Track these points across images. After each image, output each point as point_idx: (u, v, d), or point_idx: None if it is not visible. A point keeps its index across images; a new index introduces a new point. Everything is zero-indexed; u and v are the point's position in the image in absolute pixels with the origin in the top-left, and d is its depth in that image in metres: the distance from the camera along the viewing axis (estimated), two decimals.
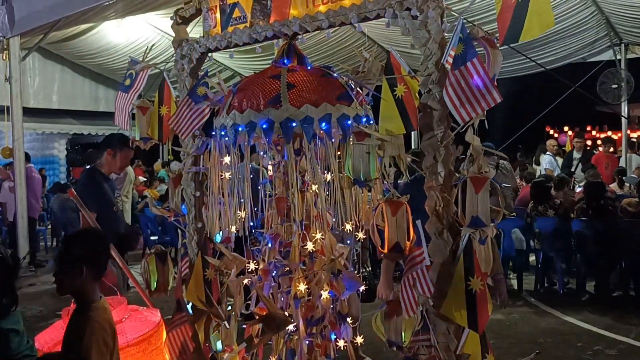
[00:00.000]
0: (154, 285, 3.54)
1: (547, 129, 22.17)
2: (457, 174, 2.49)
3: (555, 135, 19.72)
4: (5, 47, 9.88)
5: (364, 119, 2.73)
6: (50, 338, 4.04)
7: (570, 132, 19.83)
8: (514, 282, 7.82)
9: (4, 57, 9.81)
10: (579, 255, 7.65)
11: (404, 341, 2.61)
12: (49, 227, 13.25)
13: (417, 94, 2.56)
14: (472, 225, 2.35)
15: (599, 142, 18.81)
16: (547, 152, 12.04)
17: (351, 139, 2.56)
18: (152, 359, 4.08)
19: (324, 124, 2.59)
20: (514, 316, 6.59)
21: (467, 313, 2.38)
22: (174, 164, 16.74)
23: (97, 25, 12.35)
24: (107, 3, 8.79)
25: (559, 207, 7.68)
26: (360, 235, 2.93)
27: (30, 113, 13.59)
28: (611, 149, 13.25)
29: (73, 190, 4.14)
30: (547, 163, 11.72)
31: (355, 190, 2.76)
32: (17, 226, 10.17)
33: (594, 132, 23.26)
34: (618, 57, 13.19)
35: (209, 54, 3.31)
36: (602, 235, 7.28)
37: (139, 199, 12.33)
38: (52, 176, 17.64)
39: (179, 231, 3.52)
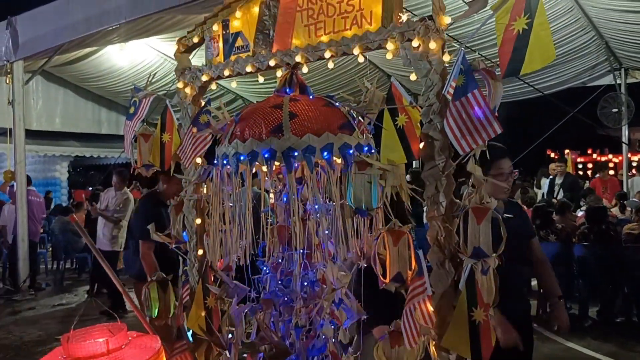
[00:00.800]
0: (155, 312, 3.51)
1: (548, 152, 22.24)
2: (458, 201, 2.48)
3: (556, 157, 19.74)
4: (8, 71, 9.96)
5: (366, 148, 2.73)
6: None
7: (572, 155, 19.89)
8: None
9: (7, 81, 9.89)
10: (581, 280, 7.61)
11: None
12: (50, 249, 13.22)
13: (418, 124, 2.57)
14: (474, 256, 2.34)
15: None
16: (550, 176, 12.03)
17: (353, 169, 2.56)
18: None
19: (325, 153, 2.60)
20: None
21: (470, 344, 2.37)
22: None
23: (101, 48, 12.46)
24: (111, 28, 8.88)
25: (560, 231, 7.66)
26: (362, 263, 2.92)
27: (33, 135, 13.66)
28: (611, 172, 13.25)
29: (74, 216, 4.13)
30: (548, 186, 11.71)
31: (357, 219, 2.76)
32: (18, 249, 10.15)
33: (594, 156, 23.33)
34: (618, 81, 13.27)
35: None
36: (604, 260, 7.25)
37: None
38: (53, 198, 17.65)
39: (180, 258, 3.51)
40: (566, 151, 20.79)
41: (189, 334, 3.42)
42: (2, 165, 14.56)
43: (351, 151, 2.66)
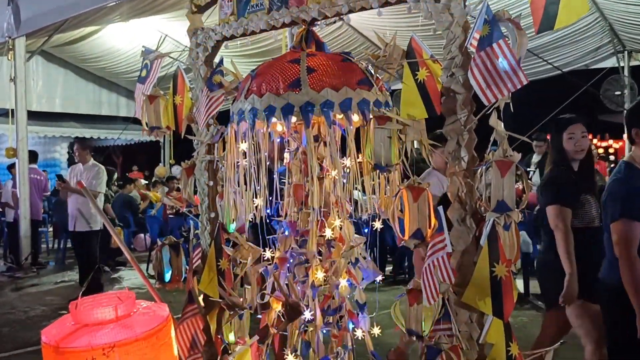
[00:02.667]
0: (167, 276, 3.48)
1: (548, 137, 22.20)
2: None
3: None
4: (10, 47, 9.88)
5: (384, 105, 2.69)
6: (57, 332, 3.99)
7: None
8: (520, 285, 7.77)
9: (10, 57, 9.81)
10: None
11: (424, 330, 2.56)
12: (51, 228, 13.20)
13: (439, 78, 2.52)
14: (498, 210, 2.31)
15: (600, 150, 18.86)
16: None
17: (372, 123, 2.52)
18: (161, 354, 4.02)
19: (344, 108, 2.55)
20: (522, 319, 6.53)
21: (491, 301, 2.34)
22: (175, 168, 16.75)
23: (101, 28, 12.37)
24: (113, 3, 8.79)
25: None
26: (378, 224, 2.88)
27: (33, 116, 13.57)
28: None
29: (82, 182, 4.09)
30: (524, 165, 11.56)
31: (374, 176, 2.72)
32: (20, 226, 10.13)
33: (595, 141, 23.28)
34: (621, 64, 13.19)
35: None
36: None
37: (140, 202, 12.30)
38: (54, 179, 17.59)
39: (191, 222, 3.48)
40: None
41: (200, 298, 3.39)
42: (1, 147, 14.48)
43: (369, 107, 2.61)
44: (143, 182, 14.21)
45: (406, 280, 7.10)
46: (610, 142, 22.63)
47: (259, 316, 2.87)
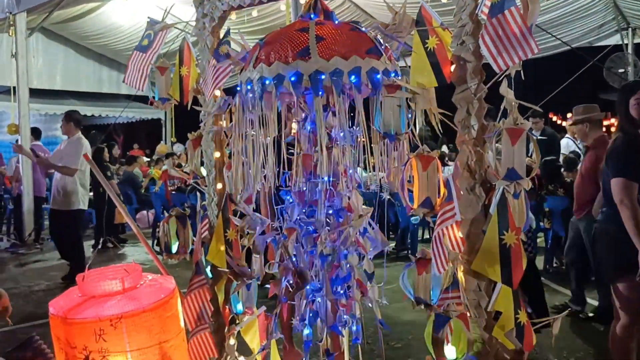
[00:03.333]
0: (174, 248, 3.49)
1: (550, 116, 22.12)
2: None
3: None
4: (11, 23, 9.82)
5: (393, 74, 2.67)
6: (65, 304, 4.02)
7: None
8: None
9: (10, 34, 9.76)
10: None
11: (433, 299, 2.58)
12: None
13: (449, 47, 2.51)
14: (508, 178, 2.31)
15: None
16: (567, 135, 11.84)
17: (382, 92, 2.51)
18: (168, 326, 4.06)
19: (353, 77, 2.54)
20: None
21: (500, 268, 2.35)
22: (176, 146, 16.74)
23: (102, 5, 12.28)
24: None
25: (569, 185, 7.65)
26: (386, 195, 2.88)
27: (34, 94, 13.53)
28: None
29: (88, 155, 4.09)
30: (564, 147, 11.51)
31: (384, 146, 2.71)
32: (23, 203, 10.15)
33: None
34: (625, 41, 13.11)
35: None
36: None
37: (142, 179, 12.32)
38: None
39: (198, 194, 3.48)
40: (568, 115, 20.61)
41: (208, 269, 3.41)
42: (3, 125, 14.45)
43: (378, 76, 2.60)
44: (145, 159, 14.20)
45: (409, 256, 7.14)
46: (613, 120, 22.54)
47: (267, 286, 2.88)
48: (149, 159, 14.36)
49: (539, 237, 8.22)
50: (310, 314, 2.88)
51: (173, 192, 9.45)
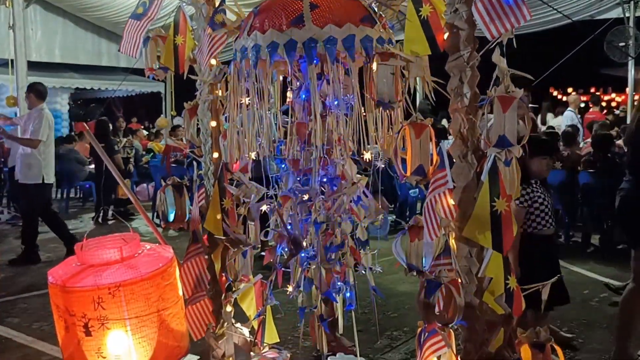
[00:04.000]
0: (171, 217, 3.53)
1: (550, 90, 22.04)
2: None
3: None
4: None
5: (387, 43, 2.68)
6: (63, 272, 4.06)
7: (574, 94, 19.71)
8: None
9: (7, 4, 9.69)
10: (585, 208, 7.66)
11: (424, 266, 2.61)
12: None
13: (443, 15, 2.51)
14: (499, 145, 2.33)
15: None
16: (569, 108, 11.77)
17: (376, 59, 2.52)
18: (166, 294, 4.10)
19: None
20: None
21: (491, 234, 2.38)
22: (177, 119, 16.71)
23: None
24: None
25: (566, 160, 7.67)
26: (380, 164, 2.90)
27: (33, 67, 13.42)
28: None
29: (84, 124, 4.11)
30: (569, 119, 11.44)
31: (377, 114, 2.73)
32: None
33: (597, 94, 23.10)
34: (627, 14, 12.99)
35: None
36: (608, 188, 7.26)
37: (143, 152, 12.33)
38: (55, 131, 17.56)
39: (194, 163, 3.50)
40: (569, 90, 20.55)
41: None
42: (1, 97, 14.39)
43: (372, 44, 2.61)
44: (144, 132, 14.19)
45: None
46: (613, 95, 22.47)
47: (263, 254, 2.92)
48: (148, 133, 14.34)
49: None
50: (305, 281, 2.93)
51: (173, 165, 9.47)
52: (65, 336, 4.01)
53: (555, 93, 21.55)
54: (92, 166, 10.90)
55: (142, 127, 16.07)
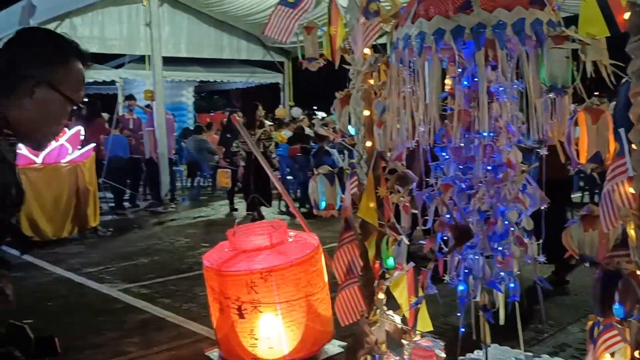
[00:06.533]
0: (322, 204, 3.59)
1: None
2: None
3: None
4: None
5: (557, 25, 2.58)
6: (217, 257, 4.27)
7: None
8: None
9: (145, 3, 10.24)
10: None
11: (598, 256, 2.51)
12: (185, 168, 13.94)
13: None
14: None
15: None
16: None
17: (548, 43, 2.42)
18: (313, 280, 4.22)
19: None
20: None
21: None
22: (294, 110, 17.04)
23: None
24: None
25: None
26: (543, 151, 2.80)
27: (163, 62, 14.15)
28: None
29: (236, 116, 4.27)
30: None
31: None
32: (160, 165, 10.75)
33: None
34: None
35: None
36: None
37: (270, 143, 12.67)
38: (179, 122, 18.39)
39: (345, 152, 3.55)
40: None
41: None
42: (135, 92, 15.22)
43: (543, 27, 2.52)
44: (268, 123, 14.55)
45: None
46: None
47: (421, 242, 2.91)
48: (271, 124, 14.70)
49: None
50: (465, 271, 2.89)
51: (298, 155, 9.67)
52: (220, 318, 4.22)
53: None
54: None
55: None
